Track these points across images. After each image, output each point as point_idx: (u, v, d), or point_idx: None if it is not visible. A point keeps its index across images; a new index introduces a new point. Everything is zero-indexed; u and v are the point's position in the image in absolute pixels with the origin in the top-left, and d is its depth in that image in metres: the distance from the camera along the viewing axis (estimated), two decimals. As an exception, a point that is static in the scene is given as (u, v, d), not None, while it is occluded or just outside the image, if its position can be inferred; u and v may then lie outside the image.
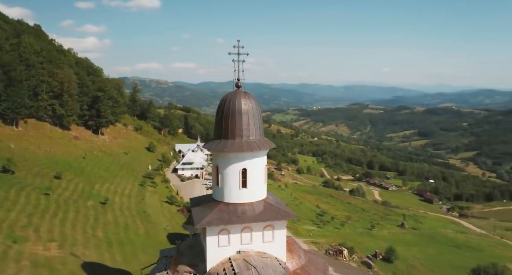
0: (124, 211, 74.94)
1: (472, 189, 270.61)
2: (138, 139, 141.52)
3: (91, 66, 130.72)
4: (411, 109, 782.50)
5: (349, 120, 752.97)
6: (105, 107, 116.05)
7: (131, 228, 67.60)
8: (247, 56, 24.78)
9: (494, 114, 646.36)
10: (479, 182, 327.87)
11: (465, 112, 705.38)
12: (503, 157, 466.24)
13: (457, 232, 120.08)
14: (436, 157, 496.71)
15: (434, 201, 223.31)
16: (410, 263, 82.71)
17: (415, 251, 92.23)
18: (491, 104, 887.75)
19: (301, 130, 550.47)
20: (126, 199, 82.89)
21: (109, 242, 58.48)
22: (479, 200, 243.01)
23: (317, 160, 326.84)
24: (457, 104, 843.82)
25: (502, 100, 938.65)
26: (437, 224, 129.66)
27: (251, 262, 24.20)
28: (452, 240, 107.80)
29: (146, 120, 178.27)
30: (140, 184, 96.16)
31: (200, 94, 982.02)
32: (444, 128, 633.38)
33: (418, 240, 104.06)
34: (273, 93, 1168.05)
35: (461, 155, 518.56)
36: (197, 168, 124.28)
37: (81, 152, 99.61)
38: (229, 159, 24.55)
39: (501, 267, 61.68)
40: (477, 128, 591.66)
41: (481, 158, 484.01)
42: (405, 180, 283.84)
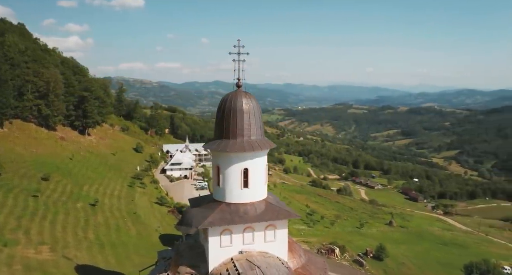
0: (115, 213, 74.01)
1: (455, 187, 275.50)
2: (125, 139, 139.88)
3: (77, 65, 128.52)
4: (395, 109, 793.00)
5: (334, 120, 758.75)
6: (91, 108, 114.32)
7: (123, 229, 66.83)
8: (243, 56, 24.62)
9: (475, 114, 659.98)
10: (462, 180, 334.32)
11: (447, 112, 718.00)
12: (484, 155, 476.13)
13: (444, 230, 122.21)
14: (420, 156, 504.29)
15: (419, 199, 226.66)
16: (399, 260, 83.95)
17: (404, 249, 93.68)
18: (472, 104, 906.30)
19: (286, 130, 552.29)
20: (116, 200, 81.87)
21: (101, 244, 57.70)
22: (462, 198, 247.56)
23: (303, 159, 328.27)
24: (440, 104, 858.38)
25: (483, 100, 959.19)
26: (423, 222, 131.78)
27: (254, 262, 24.12)
28: (439, 238, 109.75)
29: (132, 120, 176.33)
30: (129, 185, 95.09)
31: (185, 94, 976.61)
32: (427, 127, 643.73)
33: (406, 238, 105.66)
34: (259, 93, 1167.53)
35: (443, 153, 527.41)
36: (186, 169, 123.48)
37: (68, 153, 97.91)
38: (230, 159, 24.42)
39: (493, 263, 62.77)
40: (459, 128, 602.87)
41: (463, 156, 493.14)
42: (390, 179, 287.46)
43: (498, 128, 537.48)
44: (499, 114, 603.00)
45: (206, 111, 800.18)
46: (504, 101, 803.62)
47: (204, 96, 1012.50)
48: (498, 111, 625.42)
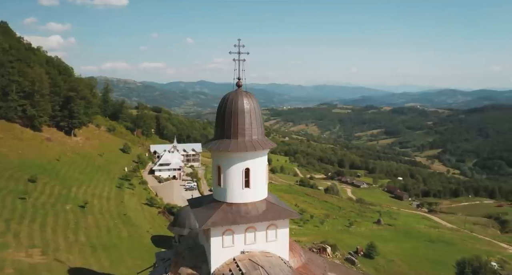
0: (105, 214, 73.00)
1: (439, 186, 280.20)
2: (111, 140, 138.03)
3: (62, 65, 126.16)
4: (378, 108, 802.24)
5: (318, 120, 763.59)
6: (78, 108, 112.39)
7: (114, 231, 65.97)
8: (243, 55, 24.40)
9: (457, 113, 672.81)
10: (445, 178, 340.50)
11: (429, 111, 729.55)
12: (465, 154, 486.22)
13: (430, 227, 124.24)
14: (403, 155, 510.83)
15: (404, 197, 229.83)
16: (389, 258, 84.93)
17: (393, 247, 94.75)
18: (454, 103, 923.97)
19: (272, 130, 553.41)
20: (105, 202, 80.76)
21: (92, 246, 56.87)
22: (445, 196, 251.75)
23: (289, 159, 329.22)
24: (422, 103, 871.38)
25: (464, 99, 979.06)
26: (410, 220, 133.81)
27: (257, 261, 24.03)
28: (426, 235, 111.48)
29: (118, 121, 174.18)
30: (117, 186, 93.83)
31: (170, 94, 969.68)
32: (410, 127, 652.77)
33: (394, 236, 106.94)
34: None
35: (426, 152, 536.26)
36: (174, 169, 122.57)
37: (54, 154, 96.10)
38: (232, 158, 24.24)
39: (484, 259, 64.03)
40: (441, 127, 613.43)
41: (445, 155, 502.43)
42: (375, 178, 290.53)
43: (479, 128, 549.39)
44: (479, 113, 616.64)
45: (191, 111, 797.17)
46: (484, 101, 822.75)
47: (189, 96, 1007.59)
48: (478, 111, 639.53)
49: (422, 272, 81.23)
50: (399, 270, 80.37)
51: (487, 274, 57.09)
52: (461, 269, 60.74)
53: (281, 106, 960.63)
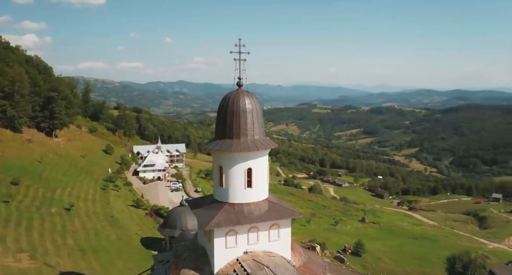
0: (91, 217, 71.54)
1: (418, 184, 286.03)
2: (93, 141, 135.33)
3: (42, 64, 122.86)
4: (357, 108, 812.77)
5: (298, 119, 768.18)
6: (59, 108, 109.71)
7: (102, 234, 64.69)
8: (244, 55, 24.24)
9: (433, 113, 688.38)
10: (423, 176, 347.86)
11: (407, 111, 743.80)
12: (442, 152, 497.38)
13: (413, 225, 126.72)
14: (382, 154, 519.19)
15: (385, 196, 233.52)
16: (376, 256, 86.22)
17: (379, 244, 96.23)
18: (430, 103, 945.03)
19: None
20: (91, 204, 79.19)
21: (82, 249, 55.64)
22: (424, 194, 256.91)
23: (271, 159, 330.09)
24: (399, 103, 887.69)
25: (440, 99, 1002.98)
26: (393, 217, 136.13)
27: (261, 261, 23.96)
28: (410, 232, 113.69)
29: (99, 121, 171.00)
30: (102, 188, 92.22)
31: (149, 94, 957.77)
32: (388, 126, 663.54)
33: (379, 234, 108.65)
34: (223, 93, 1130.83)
35: (404, 151, 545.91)
36: (159, 170, 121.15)
37: (36, 156, 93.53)
38: (234, 159, 24.11)
39: (473, 255, 65.63)
40: (418, 126, 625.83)
41: (423, 154, 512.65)
42: (356, 177, 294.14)
43: (454, 127, 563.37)
44: (455, 113, 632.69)
45: (170, 111, 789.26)
46: (458, 101, 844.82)
47: (169, 97, 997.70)
48: (454, 110, 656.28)
49: (408, 268, 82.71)
50: (386, 267, 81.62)
51: (476, 269, 58.47)
52: (451, 264, 62.07)
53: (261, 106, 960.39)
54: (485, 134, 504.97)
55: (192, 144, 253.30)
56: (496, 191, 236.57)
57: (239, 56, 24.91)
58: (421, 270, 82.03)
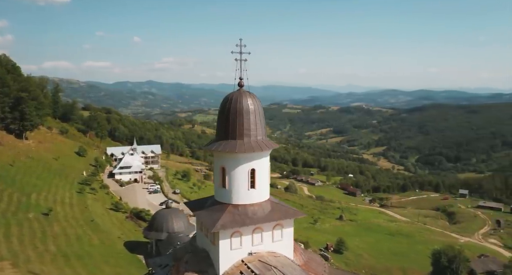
0: (71, 221, 69.20)
1: (387, 181, 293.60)
2: (65, 143, 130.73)
3: (10, 63, 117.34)
4: (327, 108, 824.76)
5: (269, 119, 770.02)
6: (30, 109, 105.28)
7: (84, 239, 62.70)
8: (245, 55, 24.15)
9: (399, 112, 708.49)
10: (392, 174, 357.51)
11: (374, 111, 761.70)
12: (408, 151, 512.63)
13: (388, 221, 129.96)
14: (351, 152, 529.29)
15: (357, 194, 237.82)
16: (357, 253, 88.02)
17: (358, 241, 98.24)
18: (396, 103, 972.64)
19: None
20: (69, 208, 76.57)
21: (65, 256, 53.73)
22: (394, 191, 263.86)
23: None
24: (367, 103, 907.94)
25: (405, 99, 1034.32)
26: (369, 215, 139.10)
27: (268, 262, 23.91)
28: (386, 229, 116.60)
29: (69, 122, 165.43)
30: (78, 192, 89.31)
31: (117, 94, 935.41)
32: (357, 126, 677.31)
33: (357, 231, 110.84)
34: (193, 93, 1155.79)
35: (372, 150, 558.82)
36: (136, 172, 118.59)
37: (7, 159, 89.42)
38: (238, 159, 23.91)
39: (457, 249, 67.85)
40: (385, 126, 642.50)
41: (390, 152, 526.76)
42: (328, 175, 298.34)
43: (420, 126, 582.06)
44: (420, 112, 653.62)
45: (139, 112, 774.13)
46: (423, 100, 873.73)
47: (137, 97, 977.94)
48: (419, 110, 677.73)
49: (388, 264, 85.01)
50: (367, 263, 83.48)
51: (461, 263, 60.58)
52: (436, 259, 64.00)
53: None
54: (449, 133, 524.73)
55: (165, 144, 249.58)
56: (461, 187, 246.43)
57: (240, 56, 24.68)
58: (400, 266, 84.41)
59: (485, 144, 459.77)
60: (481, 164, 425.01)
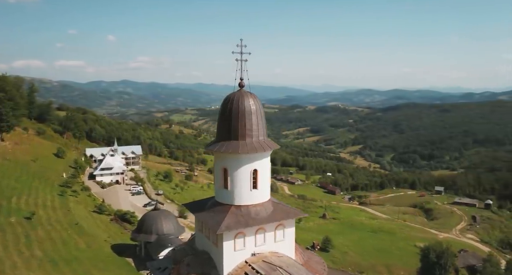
0: (55, 225, 67.29)
1: (365, 179, 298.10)
2: (43, 144, 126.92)
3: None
4: (303, 108, 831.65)
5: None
6: (6, 110, 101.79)
7: (70, 243, 61.15)
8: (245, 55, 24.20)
9: (374, 111, 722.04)
10: (369, 172, 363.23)
11: (350, 110, 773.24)
12: (384, 149, 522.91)
13: (369, 219, 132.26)
14: (329, 151, 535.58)
15: (336, 192, 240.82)
16: (343, 250, 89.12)
17: (343, 239, 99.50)
18: (371, 102, 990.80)
19: (202, 130, 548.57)
20: (52, 211, 74.41)
21: (52, 261, 52.30)
22: (372, 189, 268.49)
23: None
24: (343, 102, 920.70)
25: (380, 99, 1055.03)
26: (351, 213, 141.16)
27: (272, 262, 24.01)
28: (368, 226, 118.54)
29: (45, 123, 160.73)
30: (59, 194, 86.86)
31: (91, 94, 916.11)
32: (333, 125, 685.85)
33: (341, 229, 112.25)
34: (170, 93, 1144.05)
35: (349, 149, 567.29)
36: (117, 173, 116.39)
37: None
38: (240, 160, 23.90)
39: (445, 245, 69.57)
40: (361, 125, 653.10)
41: (366, 151, 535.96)
42: (307, 174, 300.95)
43: (394, 125, 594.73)
44: (394, 111, 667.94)
45: (114, 112, 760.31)
46: (397, 100, 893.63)
47: (112, 96, 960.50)
48: (394, 109, 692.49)
49: (373, 261, 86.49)
50: (353, 261, 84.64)
51: (449, 258, 62.22)
52: (425, 255, 65.51)
53: (209, 106, 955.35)
54: (423, 132, 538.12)
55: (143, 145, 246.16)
56: (436, 184, 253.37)
57: (240, 56, 24.65)
58: (385, 262, 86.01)
59: (457, 142, 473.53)
60: (453, 161, 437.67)
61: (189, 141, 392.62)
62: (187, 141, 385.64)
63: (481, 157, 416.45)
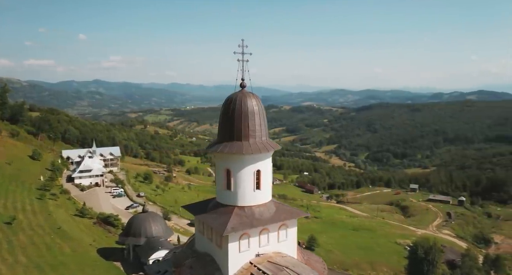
0: (37, 230, 65.22)
1: (341, 178, 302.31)
2: (17, 146, 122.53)
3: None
4: (279, 108, 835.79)
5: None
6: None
7: (54, 248, 59.44)
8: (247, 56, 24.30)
9: (348, 111, 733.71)
10: (344, 171, 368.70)
11: (324, 110, 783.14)
12: (358, 148, 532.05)
13: (350, 217, 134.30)
14: (304, 151, 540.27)
15: (314, 191, 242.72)
16: (327, 248, 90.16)
17: (326, 237, 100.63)
18: (345, 102, 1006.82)
19: (177, 130, 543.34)
20: (32, 215, 72.12)
21: (38, 267, 50.75)
22: (348, 187, 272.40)
23: (201, 159, 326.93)
24: (317, 103, 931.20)
25: (353, 98, 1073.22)
26: (331, 211, 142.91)
27: (278, 263, 24.08)
28: (350, 224, 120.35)
29: (18, 124, 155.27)
30: (38, 198, 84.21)
31: (61, 94, 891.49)
32: (309, 124, 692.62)
33: (323, 227, 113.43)
34: (143, 93, 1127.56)
35: (324, 148, 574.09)
36: (97, 175, 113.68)
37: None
38: (244, 161, 23.88)
39: (432, 241, 71.31)
40: (336, 124, 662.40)
41: (341, 150, 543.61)
42: (285, 174, 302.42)
43: (368, 124, 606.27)
44: (368, 111, 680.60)
45: (86, 112, 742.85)
46: (370, 99, 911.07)
47: (83, 97, 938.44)
48: (367, 109, 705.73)
49: (357, 259, 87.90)
50: (338, 259, 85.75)
51: (436, 253, 63.88)
52: (413, 251, 67.00)
53: (184, 106, 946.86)
54: (395, 131, 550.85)
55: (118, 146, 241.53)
56: (410, 182, 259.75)
57: (242, 57, 24.59)
58: (368, 260, 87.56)
59: (429, 140, 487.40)
60: (425, 159, 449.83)
61: (165, 142, 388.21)
62: (163, 142, 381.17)
63: (452, 155, 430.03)
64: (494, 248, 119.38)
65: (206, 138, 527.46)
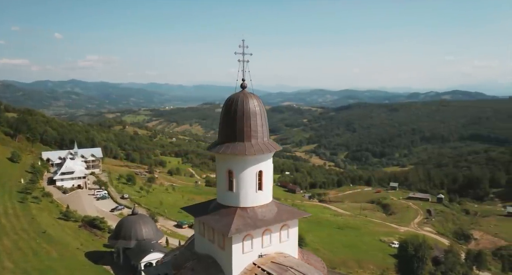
0: (21, 234, 63.52)
1: (323, 177, 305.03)
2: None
3: None
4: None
5: (202, 119, 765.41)
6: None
7: (41, 252, 58.02)
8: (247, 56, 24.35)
9: (328, 111, 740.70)
10: (325, 170, 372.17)
11: (304, 109, 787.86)
12: (338, 147, 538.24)
13: (334, 216, 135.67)
14: (285, 150, 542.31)
15: (296, 190, 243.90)
16: (314, 247, 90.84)
17: (312, 236, 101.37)
18: (324, 102, 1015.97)
19: (157, 131, 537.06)
20: (15, 219, 70.19)
21: (25, 272, 49.55)
22: (329, 186, 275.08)
23: (182, 160, 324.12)
24: (297, 103, 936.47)
25: (332, 98, 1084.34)
26: (316, 210, 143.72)
27: (281, 263, 24.21)
28: (334, 223, 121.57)
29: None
30: (20, 201, 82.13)
31: (36, 94, 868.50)
32: (289, 124, 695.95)
33: (309, 226, 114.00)
34: (121, 93, 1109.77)
35: (304, 148, 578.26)
36: (79, 177, 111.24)
37: None
38: (246, 161, 23.91)
39: (421, 238, 72.68)
40: (315, 124, 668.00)
41: (321, 149, 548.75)
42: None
43: (347, 124, 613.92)
44: (347, 111, 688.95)
45: (62, 113, 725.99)
46: (349, 99, 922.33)
47: (59, 97, 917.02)
48: (346, 108, 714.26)
49: (344, 257, 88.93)
50: (325, 257, 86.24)
51: (426, 250, 65.17)
52: (403, 248, 68.17)
53: (163, 106, 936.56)
54: (374, 130, 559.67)
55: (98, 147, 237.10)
56: (389, 180, 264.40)
57: (242, 57, 24.58)
58: (355, 257, 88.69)
59: (406, 139, 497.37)
60: (403, 158, 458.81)
61: (145, 142, 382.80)
62: (143, 142, 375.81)
63: (429, 153, 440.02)
64: (474, 244, 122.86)
65: (186, 138, 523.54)
